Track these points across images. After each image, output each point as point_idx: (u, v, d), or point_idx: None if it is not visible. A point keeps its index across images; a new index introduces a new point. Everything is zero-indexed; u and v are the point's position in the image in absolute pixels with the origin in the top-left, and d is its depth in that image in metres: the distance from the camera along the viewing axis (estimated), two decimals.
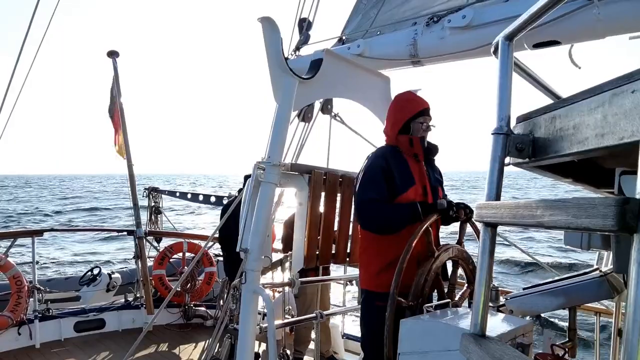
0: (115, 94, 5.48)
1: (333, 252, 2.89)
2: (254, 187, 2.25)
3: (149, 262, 5.44)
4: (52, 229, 6.10)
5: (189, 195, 6.51)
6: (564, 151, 0.90)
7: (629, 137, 0.69)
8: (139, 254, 5.26)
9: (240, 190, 4.15)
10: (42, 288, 4.70)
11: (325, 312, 2.99)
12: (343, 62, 2.71)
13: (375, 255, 2.25)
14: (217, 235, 4.03)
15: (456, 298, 2.21)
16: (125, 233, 5.92)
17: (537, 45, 2.25)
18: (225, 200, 5.29)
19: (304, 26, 3.32)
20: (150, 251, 5.67)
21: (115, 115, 5.59)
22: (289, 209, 3.46)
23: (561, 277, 2.20)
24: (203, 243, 5.53)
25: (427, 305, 1.96)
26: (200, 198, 6.20)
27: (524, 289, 2.17)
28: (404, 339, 1.78)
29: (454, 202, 2.29)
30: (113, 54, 5.40)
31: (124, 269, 6.58)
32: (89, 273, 5.68)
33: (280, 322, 2.86)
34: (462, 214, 2.23)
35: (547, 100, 1.32)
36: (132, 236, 5.45)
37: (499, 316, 1.87)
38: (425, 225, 2.05)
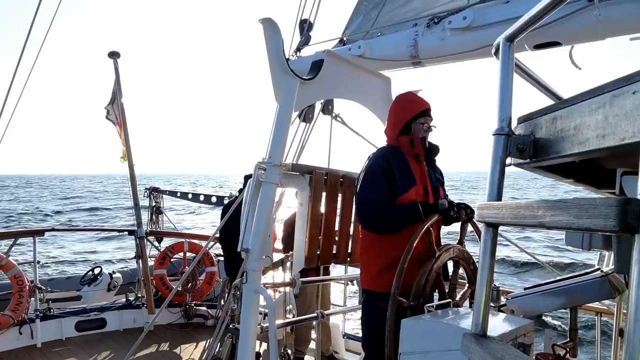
0: (117, 95, 5.48)
1: (334, 252, 2.89)
2: (255, 187, 2.25)
3: (150, 262, 5.44)
4: (53, 229, 6.10)
5: (189, 196, 6.52)
6: (565, 152, 0.91)
7: (630, 137, 0.70)
8: (140, 254, 5.26)
9: (241, 191, 4.16)
10: (43, 288, 4.71)
11: (326, 312, 3.00)
12: (344, 63, 2.71)
13: (376, 256, 2.25)
14: (217, 235, 4.03)
15: (457, 298, 2.21)
16: (126, 233, 5.93)
17: (538, 46, 2.25)
18: (226, 200, 5.30)
19: (305, 27, 3.32)
20: (151, 251, 5.68)
21: (118, 116, 5.59)
22: (289, 208, 3.46)
23: (562, 277, 2.20)
24: (204, 243, 5.53)
25: (428, 305, 1.96)
26: (201, 198, 6.20)
27: (525, 289, 2.17)
28: (405, 339, 1.78)
29: (455, 202, 2.30)
30: (114, 55, 5.41)
31: (124, 269, 6.58)
32: (90, 273, 5.68)
33: (281, 321, 2.87)
34: (463, 214, 2.24)
35: (548, 101, 1.33)
36: (131, 236, 5.46)
37: (500, 316, 1.88)
38: (426, 226, 2.06)
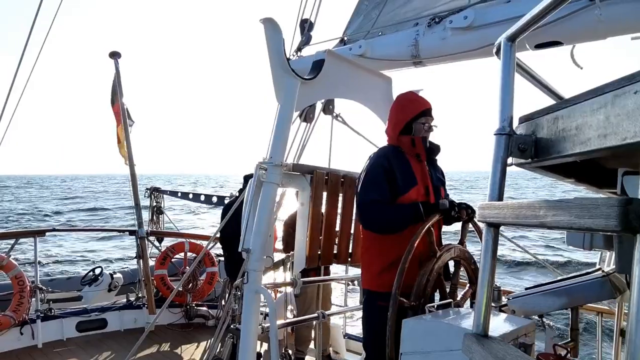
0: (117, 93, 5.49)
1: (335, 252, 2.89)
2: (256, 187, 2.25)
3: (151, 262, 5.45)
4: (54, 229, 6.10)
5: (190, 196, 6.52)
6: (566, 152, 0.91)
7: (631, 137, 0.69)
8: (141, 254, 5.26)
9: (241, 191, 4.16)
10: (44, 288, 4.71)
11: (326, 312, 2.99)
12: (345, 62, 2.71)
13: (377, 255, 2.25)
14: (218, 235, 4.03)
15: (458, 298, 2.21)
16: (127, 233, 5.94)
17: (539, 46, 2.25)
18: (227, 200, 5.30)
19: (306, 27, 3.32)
20: (152, 250, 5.68)
21: (116, 111, 5.60)
22: (290, 208, 3.46)
23: (563, 277, 2.20)
24: (204, 243, 5.54)
25: (429, 305, 1.96)
26: (202, 198, 6.21)
27: (526, 289, 2.17)
28: (406, 339, 1.78)
29: (456, 202, 2.29)
30: (115, 55, 5.41)
31: (125, 269, 6.58)
32: (91, 273, 5.68)
33: (282, 322, 2.87)
34: (463, 214, 2.23)
35: (549, 101, 1.33)
36: (132, 236, 5.46)
37: (501, 316, 1.88)
38: (427, 226, 2.05)
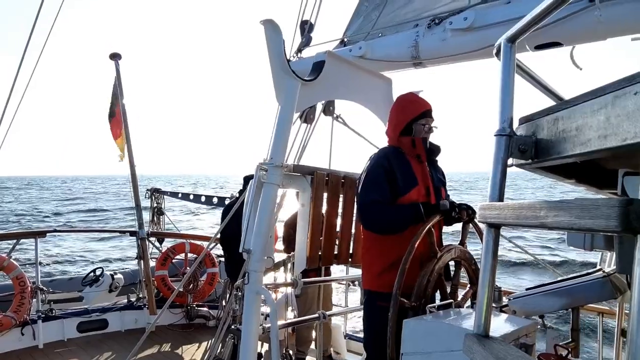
0: (118, 96, 5.50)
1: (335, 252, 2.89)
2: (257, 188, 2.26)
3: (152, 263, 5.45)
4: (55, 230, 6.10)
5: (191, 197, 6.53)
6: (566, 153, 0.91)
7: (632, 138, 0.70)
8: (142, 255, 5.27)
9: (241, 192, 4.16)
10: (45, 289, 4.72)
11: (327, 313, 3.00)
12: (345, 63, 2.71)
13: (378, 256, 2.25)
14: (218, 236, 4.04)
15: (459, 298, 2.21)
16: (127, 234, 5.94)
17: (539, 47, 2.25)
18: (227, 201, 5.30)
19: (306, 28, 3.33)
20: (152, 250, 5.68)
21: (117, 116, 5.60)
22: (290, 209, 3.47)
23: (564, 277, 2.20)
24: (205, 244, 5.54)
25: (430, 305, 1.96)
26: (203, 199, 6.21)
27: (527, 289, 2.17)
28: (407, 340, 1.78)
29: (457, 202, 2.30)
30: (115, 56, 5.42)
31: (126, 270, 6.59)
32: (92, 274, 5.68)
33: (283, 322, 2.87)
34: (464, 214, 2.23)
35: (550, 102, 1.33)
36: (132, 236, 5.46)
37: (502, 316, 1.88)
38: (428, 226, 2.06)
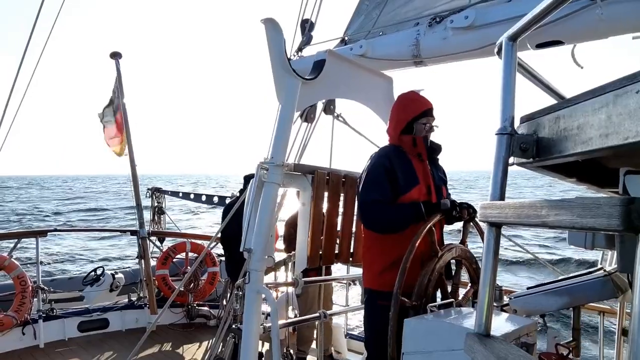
0: (118, 96, 5.50)
1: (336, 252, 2.89)
2: (258, 187, 2.25)
3: (152, 262, 5.45)
4: (55, 230, 6.11)
5: (191, 196, 6.53)
6: (568, 151, 0.91)
7: (633, 137, 0.69)
8: (142, 254, 5.27)
9: (242, 191, 4.16)
10: (46, 288, 4.72)
11: (328, 312, 2.99)
12: (345, 62, 2.71)
13: (379, 255, 2.25)
14: (219, 235, 4.04)
15: (460, 298, 2.21)
16: (128, 233, 5.94)
17: (540, 45, 2.25)
18: (228, 200, 5.30)
19: (307, 27, 3.32)
20: (153, 249, 5.68)
21: (118, 116, 5.61)
22: (291, 208, 3.46)
23: (565, 276, 2.20)
24: (206, 243, 5.54)
25: (431, 305, 1.96)
26: (203, 198, 6.21)
27: (528, 288, 2.17)
28: (408, 339, 1.78)
29: (457, 201, 2.29)
30: (116, 55, 5.42)
31: (127, 269, 6.60)
32: (93, 273, 5.69)
33: (284, 321, 2.87)
34: (465, 213, 2.23)
35: (551, 101, 1.33)
36: (133, 236, 5.47)
37: (503, 316, 1.88)
38: (429, 225, 2.05)
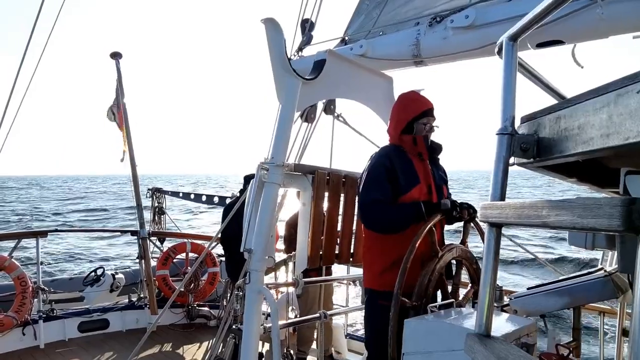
0: (118, 96, 5.50)
1: (337, 252, 2.89)
2: (258, 187, 2.25)
3: (153, 263, 5.45)
4: (56, 230, 6.11)
5: (192, 196, 6.53)
6: (568, 151, 0.91)
7: (634, 137, 0.69)
8: (143, 255, 5.27)
9: (242, 191, 4.16)
10: (46, 289, 4.72)
11: (328, 312, 2.99)
12: (346, 62, 2.71)
13: (379, 255, 2.25)
14: (219, 235, 4.03)
15: (460, 298, 2.21)
16: (129, 234, 5.94)
17: (541, 45, 2.25)
18: (228, 201, 5.30)
19: (307, 27, 3.32)
20: (153, 249, 5.68)
21: (118, 116, 5.61)
22: (292, 208, 3.46)
23: (565, 276, 2.20)
24: (206, 243, 5.54)
25: (431, 305, 1.96)
26: (204, 198, 6.21)
27: (528, 288, 2.17)
28: (408, 339, 1.78)
29: (458, 202, 2.29)
30: (116, 56, 5.41)
31: (127, 270, 6.60)
32: (93, 273, 5.69)
33: (284, 322, 2.87)
34: (465, 214, 2.23)
35: (551, 101, 1.33)
36: (134, 236, 5.47)
37: (503, 316, 1.87)
38: (429, 226, 2.05)
